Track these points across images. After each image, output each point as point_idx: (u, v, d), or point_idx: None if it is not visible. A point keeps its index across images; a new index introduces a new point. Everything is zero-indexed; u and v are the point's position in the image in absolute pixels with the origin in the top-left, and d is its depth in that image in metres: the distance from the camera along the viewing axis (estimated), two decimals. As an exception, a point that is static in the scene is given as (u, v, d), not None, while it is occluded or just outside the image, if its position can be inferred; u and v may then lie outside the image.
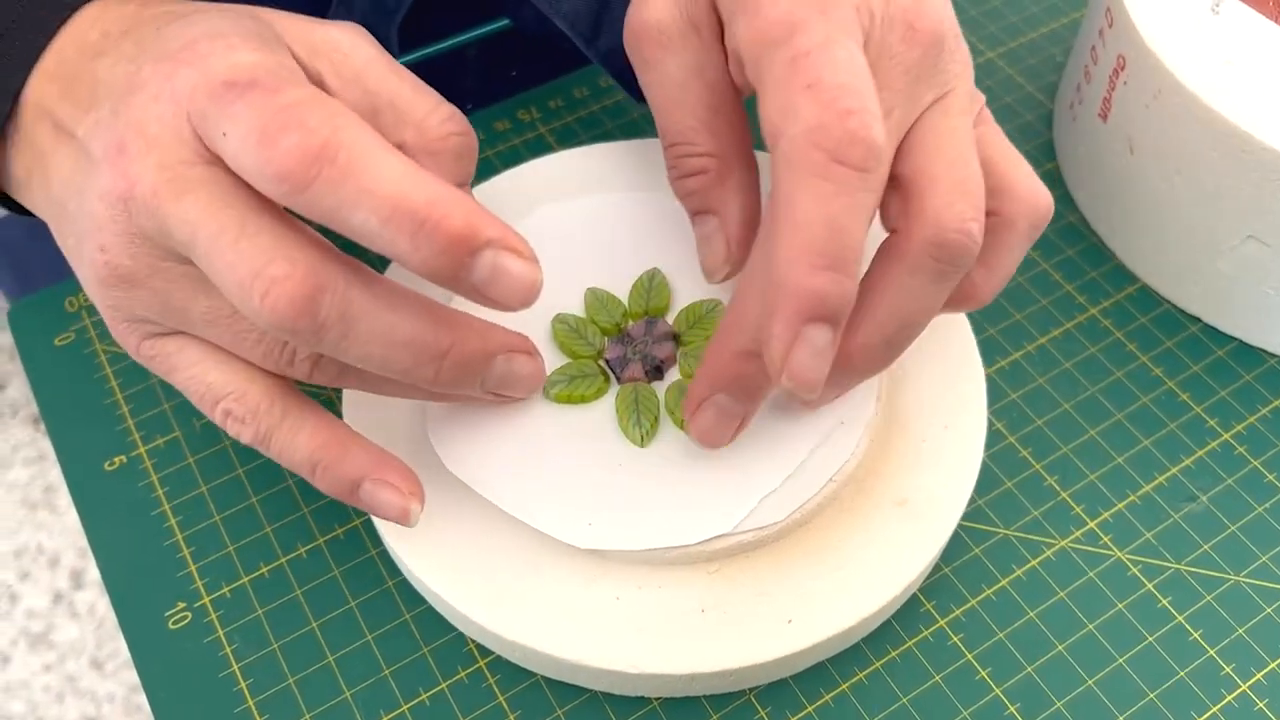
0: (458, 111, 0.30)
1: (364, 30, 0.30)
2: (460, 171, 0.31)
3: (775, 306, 0.24)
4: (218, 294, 0.26)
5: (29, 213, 0.31)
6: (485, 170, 0.41)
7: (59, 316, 0.37)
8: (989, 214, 0.28)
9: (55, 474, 1.45)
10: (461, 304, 0.31)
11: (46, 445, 1.47)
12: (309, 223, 0.25)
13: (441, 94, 0.35)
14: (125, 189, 0.25)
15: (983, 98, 0.30)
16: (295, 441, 0.28)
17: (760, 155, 0.32)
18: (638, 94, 0.38)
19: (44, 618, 1.36)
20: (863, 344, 0.28)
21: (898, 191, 0.27)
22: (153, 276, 0.26)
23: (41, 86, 0.28)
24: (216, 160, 0.25)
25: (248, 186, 0.25)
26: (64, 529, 1.42)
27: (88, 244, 0.27)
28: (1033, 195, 0.29)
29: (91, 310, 0.37)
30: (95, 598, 1.37)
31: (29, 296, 0.38)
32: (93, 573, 1.38)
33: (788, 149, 0.24)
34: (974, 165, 0.27)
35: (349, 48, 0.29)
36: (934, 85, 0.28)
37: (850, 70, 0.24)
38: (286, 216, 0.25)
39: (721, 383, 0.29)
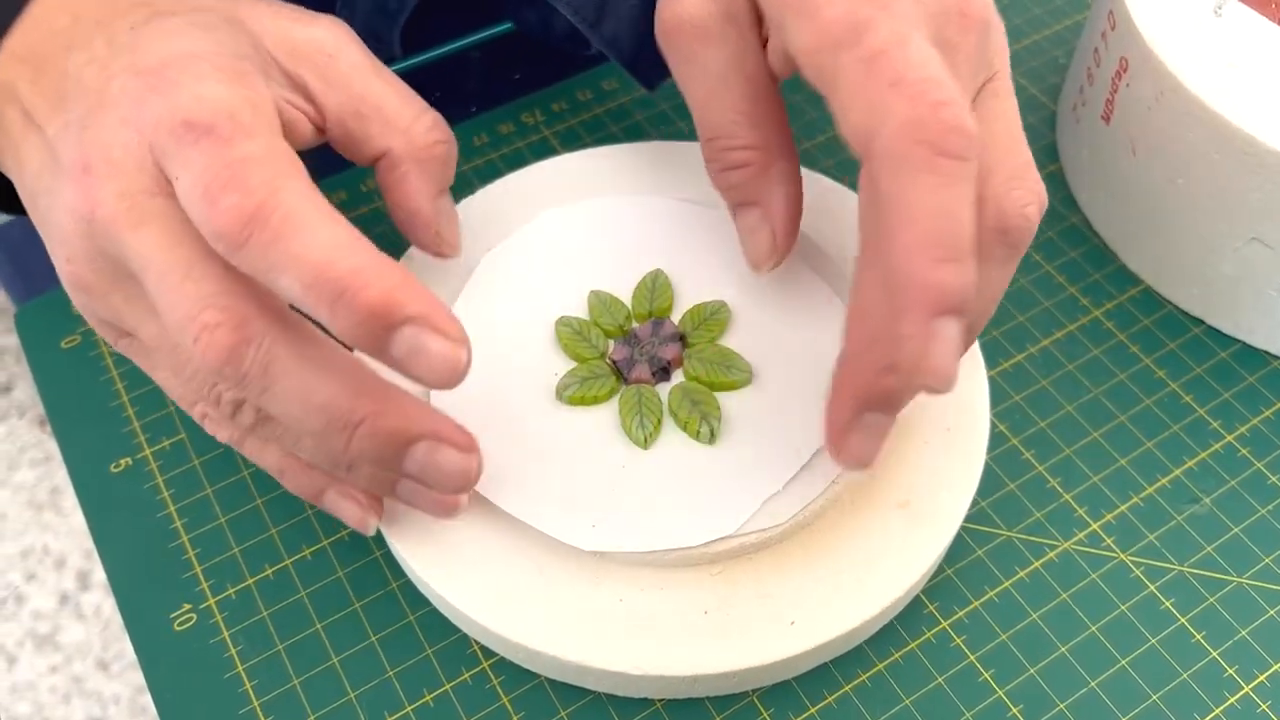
0: (440, 117, 0.31)
1: (347, 27, 0.30)
2: (444, 177, 0.31)
3: (904, 306, 0.24)
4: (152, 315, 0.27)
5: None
6: (489, 173, 0.41)
7: (65, 319, 0.37)
8: None
9: (61, 475, 1.45)
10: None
11: (53, 447, 1.47)
12: None
13: (446, 97, 0.35)
14: (88, 210, 0.26)
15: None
16: (265, 450, 0.29)
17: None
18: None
19: (50, 619, 1.36)
20: None
21: None
22: (111, 292, 0.27)
23: (11, 67, 0.29)
24: (174, 194, 0.25)
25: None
26: (70, 530, 1.42)
27: (56, 249, 0.27)
28: (1042, 197, 0.29)
29: (97, 313, 0.38)
30: (101, 599, 1.37)
31: (35, 299, 0.38)
32: (99, 574, 1.38)
33: (887, 147, 0.24)
34: (1025, 147, 0.28)
35: (334, 49, 0.30)
36: (982, 70, 0.28)
37: (930, 63, 0.24)
38: (228, 264, 0.25)
39: (868, 402, 0.27)
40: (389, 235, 0.39)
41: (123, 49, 0.27)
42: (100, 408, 0.36)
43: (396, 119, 0.30)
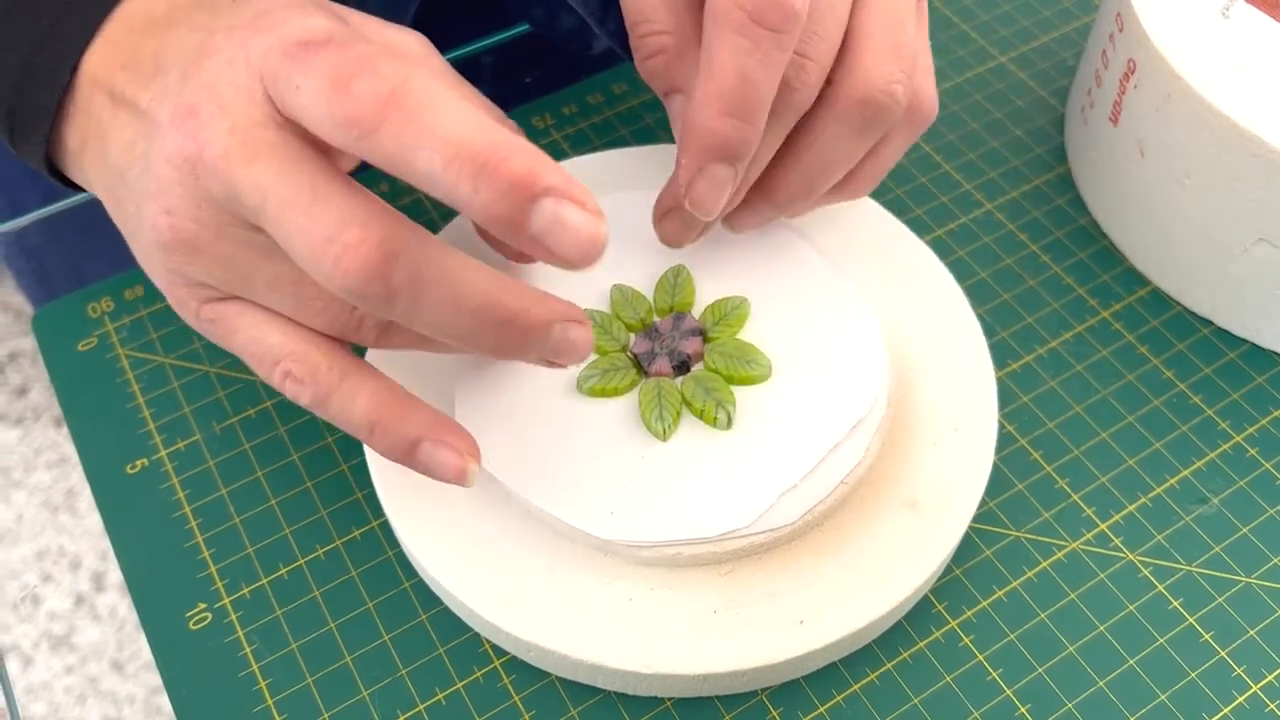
0: (518, 129, 0.31)
1: (428, 41, 0.31)
2: None
3: (685, 143, 0.28)
4: (283, 260, 0.26)
5: (76, 186, 0.32)
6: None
7: (81, 322, 0.38)
8: None
9: (77, 477, 1.46)
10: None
11: (68, 449, 1.48)
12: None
13: None
14: (194, 151, 0.25)
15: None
16: (354, 402, 0.28)
17: None
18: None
19: (66, 620, 1.37)
20: (785, 180, 0.32)
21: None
22: (217, 241, 0.26)
23: (101, 57, 0.29)
24: (288, 124, 0.25)
25: (320, 152, 0.25)
26: (85, 532, 1.43)
27: (151, 207, 0.27)
28: (928, 101, 0.32)
29: (114, 316, 0.38)
30: (116, 600, 1.38)
31: (52, 302, 0.39)
32: (114, 575, 1.39)
33: (713, 6, 0.27)
34: (909, 30, 0.30)
35: (420, 56, 0.30)
36: None
37: None
38: (358, 185, 0.25)
39: (665, 209, 0.33)
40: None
41: (224, 14, 0.27)
42: (116, 409, 0.36)
43: None
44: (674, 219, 0.33)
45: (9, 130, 0.30)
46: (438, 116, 0.23)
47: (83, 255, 0.41)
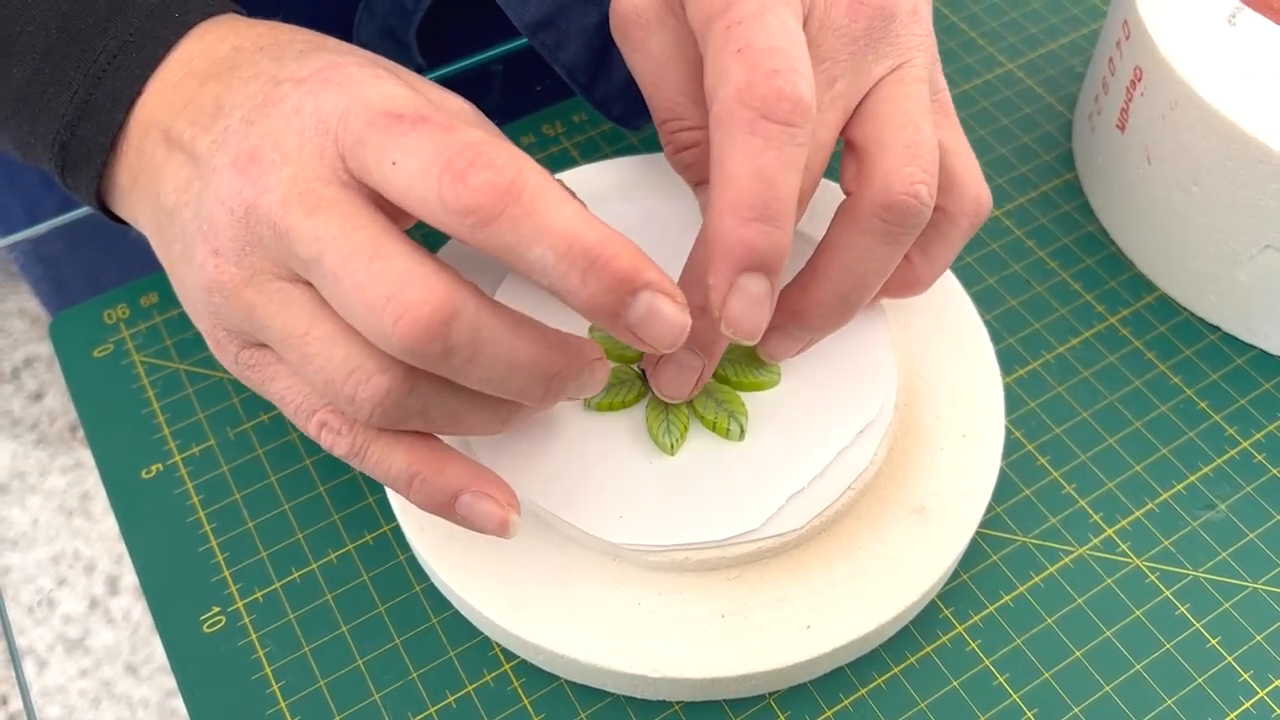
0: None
1: (474, 106, 0.31)
2: None
3: (711, 258, 0.26)
4: (297, 310, 0.26)
5: (121, 220, 0.32)
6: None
7: (98, 329, 0.38)
8: (934, 209, 0.30)
9: (92, 481, 1.47)
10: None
11: (84, 454, 1.49)
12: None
13: None
14: (251, 196, 0.26)
15: (944, 86, 0.31)
16: (393, 455, 0.28)
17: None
18: (633, 127, 0.39)
19: (80, 623, 1.38)
20: (817, 301, 0.30)
21: (852, 156, 0.29)
22: (248, 287, 0.27)
23: (159, 98, 0.29)
24: (353, 183, 0.25)
25: (380, 212, 0.25)
26: (100, 536, 1.44)
27: (200, 248, 0.27)
28: (977, 194, 0.31)
29: (130, 322, 0.39)
30: (130, 604, 1.39)
31: (68, 309, 0.39)
32: (128, 579, 1.40)
33: (719, 110, 0.26)
34: (925, 130, 0.29)
35: (468, 119, 0.30)
36: (885, 56, 0.29)
37: (780, 35, 0.26)
38: (417, 245, 0.25)
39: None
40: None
41: (290, 62, 0.28)
42: (132, 415, 0.36)
43: None
44: (669, 366, 0.31)
45: (60, 165, 0.31)
46: (552, 212, 0.24)
47: (98, 262, 0.42)
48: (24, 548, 1.43)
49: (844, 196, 0.30)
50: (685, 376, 0.31)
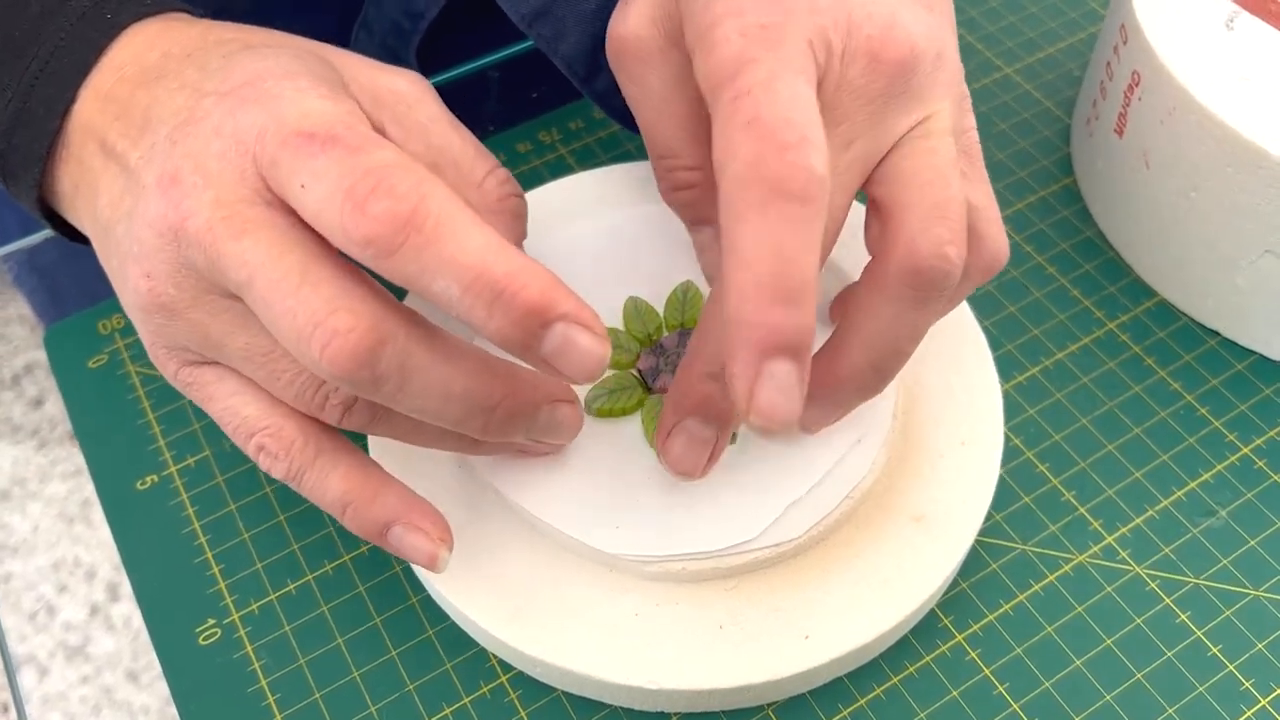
0: (510, 174, 0.31)
1: (427, 82, 0.31)
2: (518, 232, 0.31)
3: (733, 345, 0.24)
4: (257, 330, 0.26)
5: (72, 230, 0.32)
6: (507, 191, 0.41)
7: (93, 339, 0.38)
8: None
9: (92, 489, 1.47)
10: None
11: (84, 461, 1.50)
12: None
13: (464, 116, 0.36)
14: (177, 220, 0.25)
15: (972, 126, 0.29)
16: (327, 481, 0.28)
17: None
18: (634, 127, 0.39)
19: (81, 630, 1.38)
20: (850, 371, 0.29)
21: (876, 216, 0.28)
22: (194, 308, 0.26)
23: (93, 105, 0.29)
24: (277, 203, 0.25)
25: (310, 231, 0.25)
26: (100, 543, 1.44)
27: (133, 269, 0.27)
28: (995, 251, 0.29)
29: (125, 333, 0.38)
30: (131, 610, 1.39)
31: (63, 320, 0.39)
32: (128, 586, 1.40)
33: (729, 188, 0.24)
34: (953, 187, 0.27)
35: (414, 100, 0.30)
36: (908, 111, 0.27)
37: (791, 105, 0.24)
38: (347, 264, 0.25)
39: (689, 407, 0.29)
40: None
41: (215, 73, 0.27)
42: (127, 426, 0.36)
43: (470, 172, 0.30)
44: (681, 438, 0.29)
45: (1, 173, 0.30)
46: (456, 242, 0.23)
47: (93, 273, 0.42)
48: (24, 554, 1.43)
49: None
50: (698, 450, 0.29)
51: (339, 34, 0.46)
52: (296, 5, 0.43)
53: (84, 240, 0.31)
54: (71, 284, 0.42)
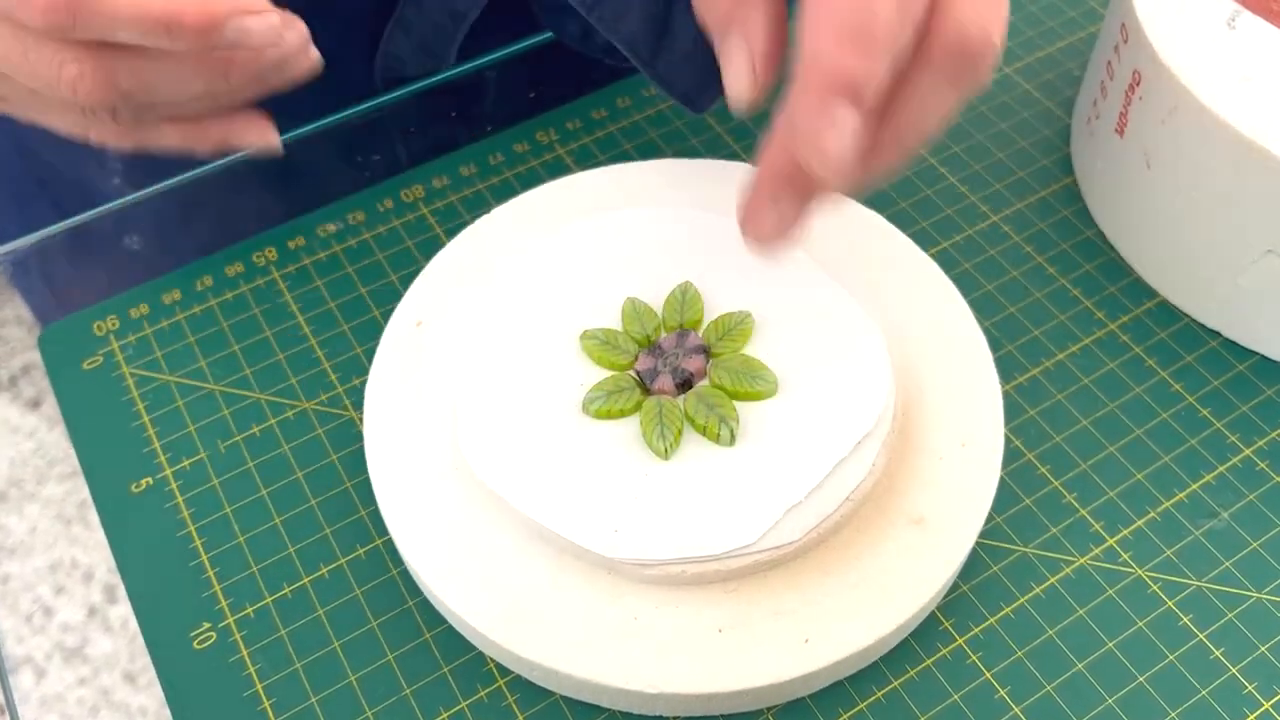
0: None
1: None
2: None
3: (805, 83, 0.25)
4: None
5: None
6: (505, 191, 0.41)
7: (87, 340, 0.38)
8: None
9: (88, 490, 1.47)
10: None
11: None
12: None
13: (461, 116, 0.37)
14: None
15: None
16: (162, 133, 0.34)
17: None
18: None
19: (78, 631, 1.38)
20: (879, 140, 0.29)
21: None
22: None
23: None
24: None
25: None
26: (97, 544, 1.44)
27: None
28: (961, 27, 0.28)
29: (119, 334, 0.38)
30: (128, 612, 1.38)
31: (58, 321, 0.39)
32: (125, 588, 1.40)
33: None
34: None
35: None
36: None
37: None
38: None
39: (777, 182, 0.29)
40: (403, 256, 0.40)
41: None
42: (122, 427, 0.36)
43: None
44: (772, 210, 0.30)
45: None
46: (112, 2, 0.28)
47: (91, 274, 0.41)
48: (21, 556, 1.43)
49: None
50: (781, 221, 0.30)
51: (371, 37, 0.46)
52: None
53: None
54: (69, 284, 0.42)
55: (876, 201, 0.41)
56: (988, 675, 0.31)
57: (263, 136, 0.35)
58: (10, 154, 0.50)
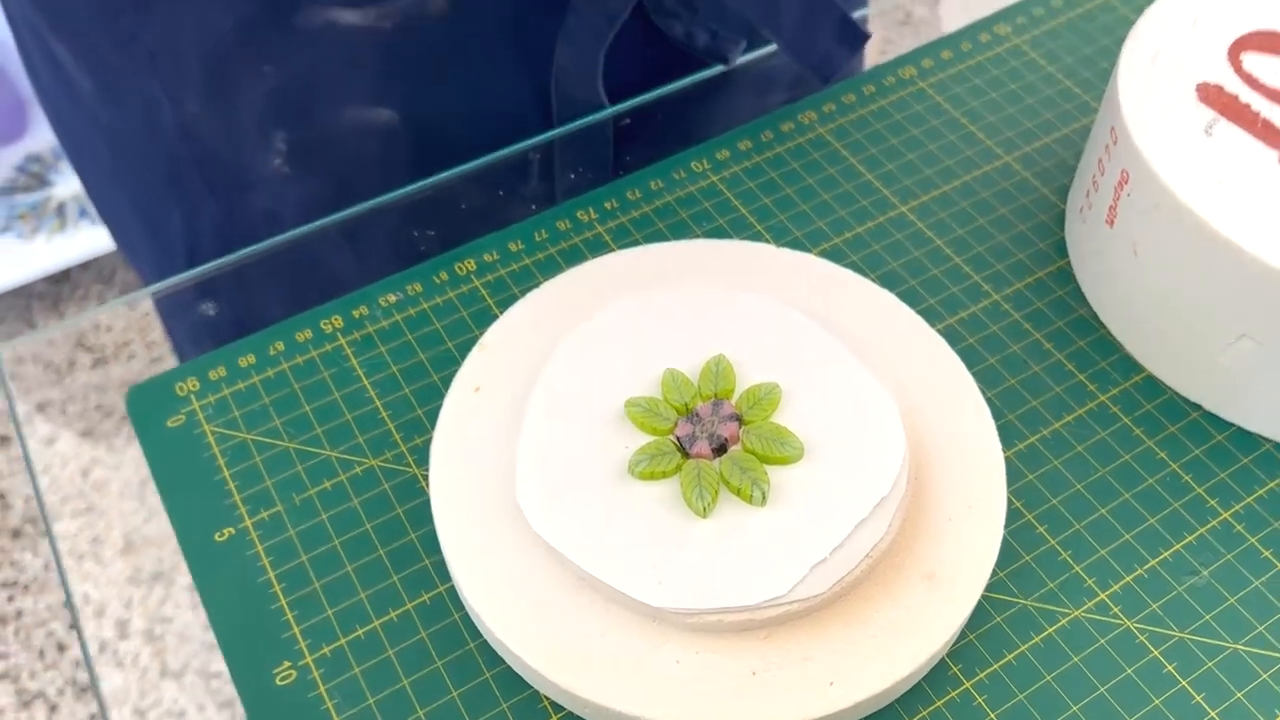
0: None
1: None
2: None
3: None
4: None
5: None
6: (550, 267, 0.45)
7: (170, 400, 0.42)
8: None
9: (101, 526, 1.49)
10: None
11: (95, 498, 1.52)
12: None
13: (508, 195, 0.40)
14: None
15: None
16: None
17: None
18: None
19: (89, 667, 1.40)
20: None
21: None
22: None
23: None
24: None
25: None
26: (110, 580, 1.46)
27: None
28: None
29: (200, 395, 0.42)
30: (139, 647, 1.41)
31: (142, 382, 0.42)
32: (137, 623, 1.42)
33: None
34: None
35: None
36: None
37: None
38: None
39: None
40: (458, 325, 0.43)
41: None
42: (205, 481, 0.40)
43: None
44: None
45: None
46: None
47: (174, 337, 0.45)
48: (35, 592, 1.45)
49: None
50: None
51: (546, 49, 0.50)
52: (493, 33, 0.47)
53: None
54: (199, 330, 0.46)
55: (888, 281, 0.45)
56: (993, 716, 0.35)
57: None
58: (172, 135, 0.53)
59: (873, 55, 0.64)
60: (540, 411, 0.38)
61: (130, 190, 0.57)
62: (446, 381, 0.42)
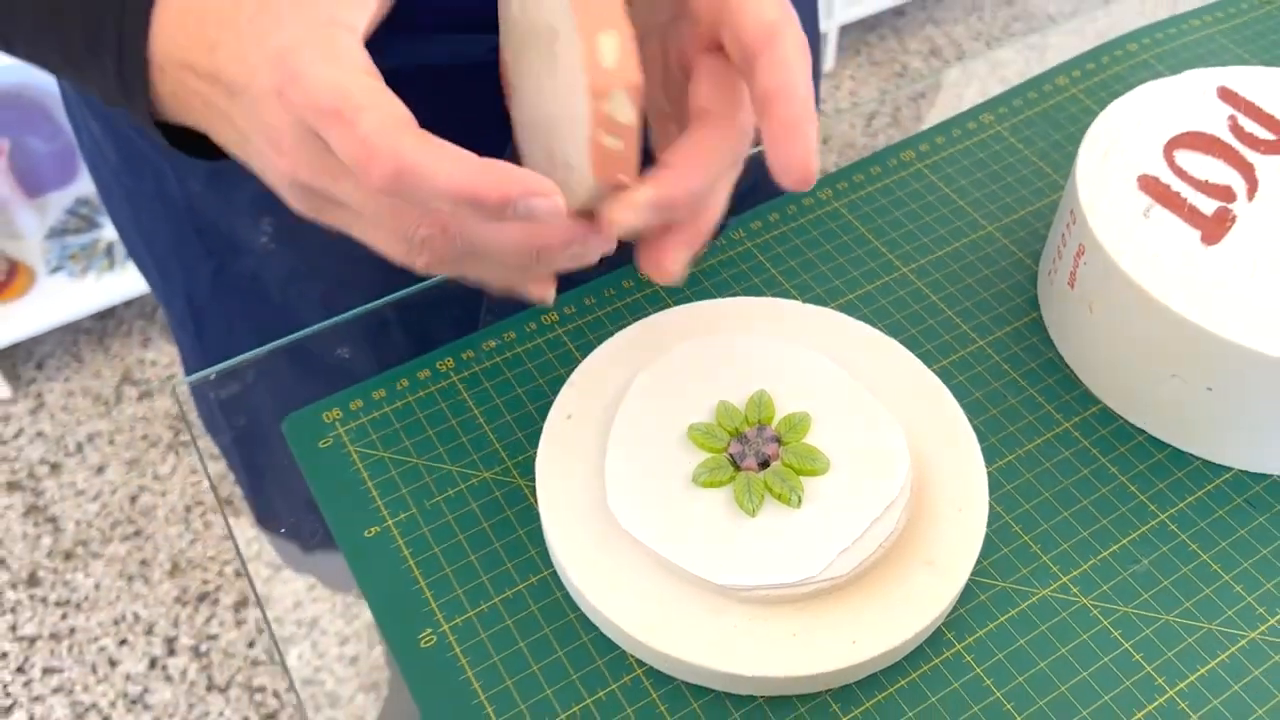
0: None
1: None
2: None
3: (797, 120, 0.37)
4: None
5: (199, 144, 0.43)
6: (618, 317, 0.56)
7: (320, 426, 0.52)
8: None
9: (149, 549, 1.58)
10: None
11: (143, 523, 1.61)
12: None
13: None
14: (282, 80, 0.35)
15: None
16: (503, 231, 0.38)
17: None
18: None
19: (140, 681, 1.48)
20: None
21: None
22: (317, 165, 0.36)
23: (179, 40, 0.38)
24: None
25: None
26: (158, 599, 1.55)
27: (268, 150, 0.37)
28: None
29: (343, 421, 0.52)
30: (187, 663, 1.49)
31: (296, 411, 0.53)
32: (184, 639, 1.50)
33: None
34: None
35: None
36: None
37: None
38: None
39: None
40: (546, 365, 0.54)
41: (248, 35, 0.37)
42: (353, 491, 0.50)
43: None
44: (681, 247, 0.41)
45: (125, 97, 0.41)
46: (433, 177, 0.33)
47: (312, 377, 0.55)
48: (87, 610, 1.54)
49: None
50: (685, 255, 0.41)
51: None
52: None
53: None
54: (298, 383, 0.56)
55: (893, 329, 0.55)
56: (978, 670, 0.45)
57: (544, 295, 0.42)
58: (179, 204, 0.64)
59: (879, 141, 0.75)
60: (622, 435, 0.48)
61: (145, 239, 0.68)
62: (540, 410, 0.52)
